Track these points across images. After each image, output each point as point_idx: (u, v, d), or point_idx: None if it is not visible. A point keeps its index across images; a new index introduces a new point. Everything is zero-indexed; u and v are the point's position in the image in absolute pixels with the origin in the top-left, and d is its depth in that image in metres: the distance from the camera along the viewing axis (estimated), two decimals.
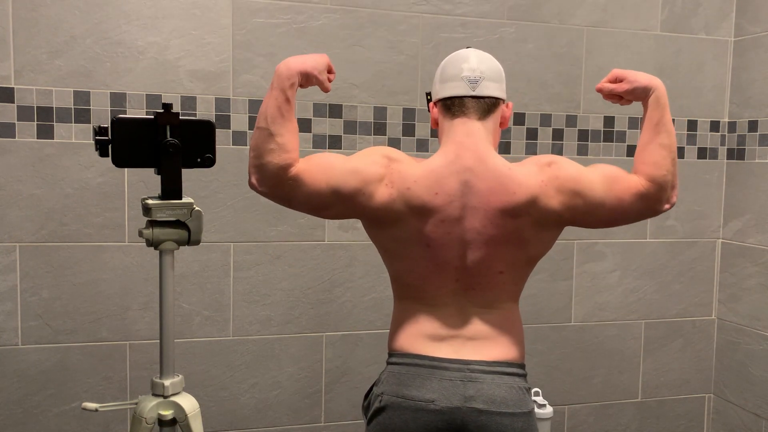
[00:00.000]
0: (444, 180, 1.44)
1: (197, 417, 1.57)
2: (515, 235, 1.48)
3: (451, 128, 1.51)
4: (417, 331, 1.52)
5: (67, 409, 2.27)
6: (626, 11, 2.66)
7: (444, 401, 1.44)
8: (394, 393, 1.47)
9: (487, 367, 1.49)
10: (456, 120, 1.50)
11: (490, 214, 1.44)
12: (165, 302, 1.56)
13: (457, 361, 1.48)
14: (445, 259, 1.47)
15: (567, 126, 2.64)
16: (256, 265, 2.39)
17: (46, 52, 2.16)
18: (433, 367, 1.48)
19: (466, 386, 1.45)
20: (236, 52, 2.31)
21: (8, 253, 2.19)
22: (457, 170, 1.45)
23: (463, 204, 1.44)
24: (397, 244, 1.49)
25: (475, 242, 1.46)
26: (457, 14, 2.49)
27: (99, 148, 1.47)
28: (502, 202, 1.44)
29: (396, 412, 1.46)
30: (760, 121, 2.67)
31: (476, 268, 1.48)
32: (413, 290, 1.53)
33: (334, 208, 1.46)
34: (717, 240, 2.86)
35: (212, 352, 2.38)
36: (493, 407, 1.44)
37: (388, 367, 1.52)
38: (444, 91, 1.52)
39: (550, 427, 2.50)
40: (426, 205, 1.44)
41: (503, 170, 1.46)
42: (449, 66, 1.53)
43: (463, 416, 1.44)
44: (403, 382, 1.47)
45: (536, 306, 2.68)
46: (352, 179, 1.43)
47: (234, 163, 2.33)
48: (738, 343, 2.79)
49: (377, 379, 1.53)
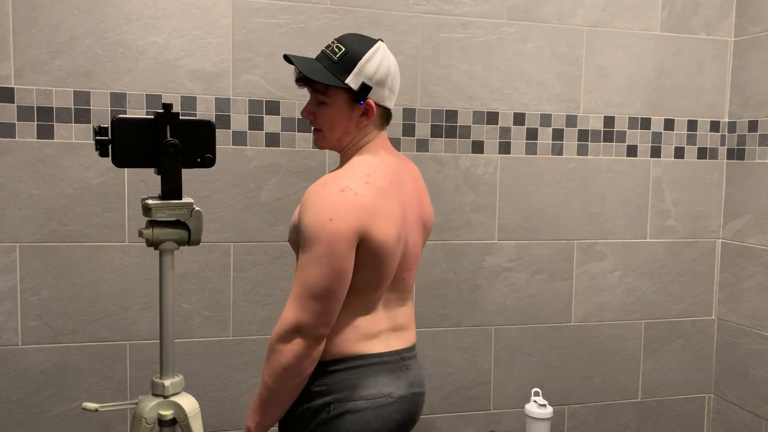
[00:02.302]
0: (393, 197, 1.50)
1: (197, 417, 1.57)
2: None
3: (383, 138, 1.56)
4: (354, 334, 1.51)
5: (67, 409, 2.27)
6: (626, 11, 2.66)
7: (397, 392, 1.50)
8: (348, 398, 1.46)
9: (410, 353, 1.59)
10: (383, 131, 1.57)
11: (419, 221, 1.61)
12: (165, 302, 1.56)
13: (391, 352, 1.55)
14: (392, 268, 1.51)
15: (567, 126, 2.64)
16: (256, 265, 2.39)
17: (46, 52, 2.16)
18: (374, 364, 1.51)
19: (406, 375, 1.54)
20: (236, 52, 2.31)
21: (8, 253, 2.19)
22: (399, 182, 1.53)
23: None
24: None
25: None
26: (457, 14, 2.49)
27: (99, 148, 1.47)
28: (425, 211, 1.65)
29: (355, 415, 1.46)
30: (760, 121, 2.67)
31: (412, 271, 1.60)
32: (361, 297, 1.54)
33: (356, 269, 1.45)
34: (717, 240, 2.86)
35: (212, 352, 2.38)
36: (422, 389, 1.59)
37: (335, 375, 1.48)
38: (390, 101, 1.54)
39: (550, 427, 2.50)
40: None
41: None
42: (397, 78, 1.54)
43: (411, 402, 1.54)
44: (355, 384, 1.47)
45: (536, 306, 2.68)
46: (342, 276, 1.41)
47: (234, 163, 2.34)
48: (738, 343, 2.79)
49: (309, 393, 1.48)
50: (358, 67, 1.47)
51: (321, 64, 1.49)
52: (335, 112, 1.50)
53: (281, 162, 2.38)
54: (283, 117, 2.36)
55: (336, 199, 1.38)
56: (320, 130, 1.53)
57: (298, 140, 2.38)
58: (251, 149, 2.35)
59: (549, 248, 2.66)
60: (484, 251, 2.59)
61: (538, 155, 2.62)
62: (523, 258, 2.64)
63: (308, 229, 1.38)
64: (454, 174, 2.53)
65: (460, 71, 2.51)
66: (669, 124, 2.75)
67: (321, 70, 1.48)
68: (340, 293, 1.40)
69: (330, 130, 1.51)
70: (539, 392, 2.58)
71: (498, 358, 2.66)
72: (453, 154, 2.53)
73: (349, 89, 1.47)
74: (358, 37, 1.51)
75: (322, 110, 1.51)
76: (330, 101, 1.49)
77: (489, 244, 2.59)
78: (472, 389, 2.64)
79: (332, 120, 1.50)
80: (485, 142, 2.56)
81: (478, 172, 2.56)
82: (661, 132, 2.75)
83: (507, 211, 2.61)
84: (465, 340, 2.61)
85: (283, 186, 2.39)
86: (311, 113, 1.53)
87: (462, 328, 2.59)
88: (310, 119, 1.54)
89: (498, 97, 2.56)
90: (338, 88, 1.47)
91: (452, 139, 2.52)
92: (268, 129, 2.35)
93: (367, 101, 1.48)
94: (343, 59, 1.47)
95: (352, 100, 1.49)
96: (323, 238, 1.36)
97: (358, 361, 1.49)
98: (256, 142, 2.35)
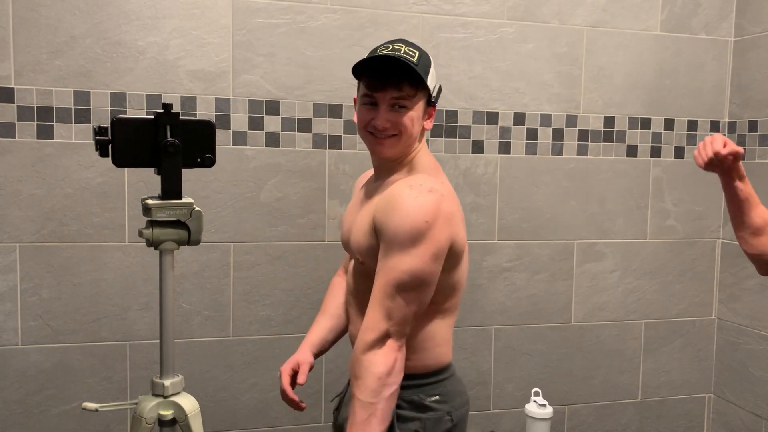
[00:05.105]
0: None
1: (197, 417, 1.57)
2: None
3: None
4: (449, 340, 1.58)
5: (67, 409, 2.27)
6: (626, 11, 2.66)
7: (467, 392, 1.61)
8: (459, 405, 1.54)
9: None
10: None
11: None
12: (165, 302, 1.56)
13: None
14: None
15: (567, 126, 2.64)
16: (256, 265, 2.39)
17: (46, 52, 2.16)
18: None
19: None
20: (236, 52, 2.31)
21: (8, 253, 2.19)
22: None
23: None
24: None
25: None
26: (457, 14, 2.49)
27: (99, 148, 1.47)
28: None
29: (465, 423, 1.55)
30: (760, 121, 2.67)
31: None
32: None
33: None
34: (717, 240, 2.86)
35: (212, 352, 2.38)
36: None
37: (444, 383, 1.53)
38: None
39: (550, 427, 2.50)
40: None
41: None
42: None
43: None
44: (460, 391, 1.56)
45: (536, 306, 2.68)
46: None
47: (234, 163, 2.34)
48: (738, 343, 2.79)
49: (421, 406, 1.49)
50: (432, 69, 1.47)
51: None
52: (416, 115, 1.46)
53: (281, 162, 2.38)
54: (283, 117, 2.36)
55: (434, 203, 1.39)
56: (395, 135, 1.45)
57: (298, 140, 2.38)
58: (251, 149, 2.35)
59: (549, 248, 2.66)
60: (484, 251, 2.59)
61: (538, 155, 2.62)
62: (523, 258, 2.63)
63: (407, 231, 1.37)
64: (454, 174, 2.53)
65: (460, 71, 2.51)
66: (669, 124, 2.75)
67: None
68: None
69: (409, 135, 1.45)
70: (539, 392, 2.57)
71: (498, 358, 2.66)
72: (453, 154, 2.53)
73: (428, 91, 1.47)
74: (408, 41, 1.50)
75: (402, 114, 1.44)
76: (413, 104, 1.45)
77: (489, 244, 2.59)
78: (472, 389, 2.64)
79: (413, 123, 1.45)
80: (485, 142, 2.56)
81: (478, 172, 2.56)
82: (661, 132, 2.75)
83: (507, 211, 2.61)
84: (465, 340, 2.61)
85: (283, 186, 2.39)
86: (388, 120, 1.44)
87: (462, 328, 2.59)
88: (387, 126, 1.45)
89: (498, 97, 2.56)
90: (424, 90, 1.46)
91: (452, 139, 2.52)
92: (268, 129, 2.35)
93: (433, 109, 1.51)
94: (421, 61, 1.43)
95: (426, 102, 1.48)
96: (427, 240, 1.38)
97: (452, 369, 1.57)
98: (256, 142, 2.35)
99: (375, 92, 1.44)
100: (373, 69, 1.43)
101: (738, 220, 1.66)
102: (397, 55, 1.41)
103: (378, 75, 1.43)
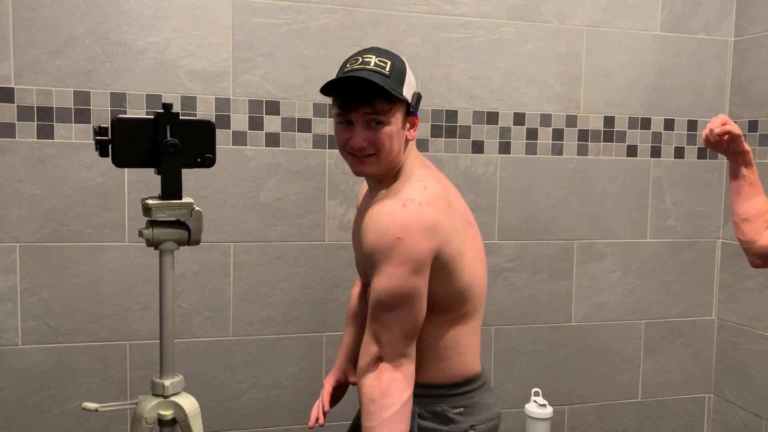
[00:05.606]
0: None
1: (197, 417, 1.57)
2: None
3: (413, 147, 1.52)
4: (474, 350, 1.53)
5: (67, 409, 2.27)
6: (626, 11, 2.66)
7: (497, 410, 1.55)
8: (485, 419, 1.49)
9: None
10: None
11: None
12: (165, 302, 1.56)
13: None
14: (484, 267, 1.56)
15: (567, 126, 2.64)
16: (256, 265, 2.39)
17: (46, 52, 2.16)
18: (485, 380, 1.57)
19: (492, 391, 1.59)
20: (236, 52, 2.31)
21: (8, 253, 2.19)
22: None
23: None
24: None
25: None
26: (457, 14, 2.49)
27: (99, 148, 1.47)
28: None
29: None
30: (760, 121, 2.67)
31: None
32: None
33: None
34: (717, 240, 2.86)
35: (212, 352, 2.38)
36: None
37: (468, 396, 1.49)
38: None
39: (550, 427, 2.50)
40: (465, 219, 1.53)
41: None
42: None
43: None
44: (487, 404, 1.51)
45: (536, 306, 2.68)
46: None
47: (234, 163, 2.34)
48: (738, 343, 2.79)
49: (444, 418, 1.46)
50: (407, 77, 1.40)
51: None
52: (395, 129, 1.39)
53: (281, 162, 2.38)
54: (283, 117, 2.36)
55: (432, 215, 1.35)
56: (373, 154, 1.40)
57: (298, 140, 2.38)
58: (251, 149, 2.35)
59: (549, 248, 2.66)
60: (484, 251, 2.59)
61: (538, 155, 2.62)
62: (523, 258, 2.64)
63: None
64: (454, 174, 2.53)
65: (460, 71, 2.51)
66: (669, 124, 2.75)
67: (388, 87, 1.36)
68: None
69: (389, 151, 1.39)
70: (539, 392, 2.57)
71: (498, 358, 2.66)
72: (453, 154, 2.53)
73: (406, 102, 1.40)
74: (379, 49, 1.43)
75: (379, 131, 1.37)
76: (390, 119, 1.38)
77: (489, 244, 2.59)
78: None
79: (392, 139, 1.39)
80: (485, 142, 2.56)
81: (478, 172, 2.56)
82: (661, 132, 2.75)
83: (507, 211, 2.61)
84: None
85: (283, 186, 2.39)
86: (365, 140, 1.38)
87: None
88: (364, 146, 1.39)
89: (498, 97, 2.56)
90: (400, 103, 1.39)
91: (452, 139, 2.52)
92: (268, 129, 2.35)
93: (416, 118, 1.45)
94: (393, 72, 1.37)
95: (405, 113, 1.42)
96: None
97: (480, 380, 1.52)
98: (256, 142, 2.35)
99: (348, 113, 1.39)
100: (342, 88, 1.37)
101: (736, 204, 1.68)
102: (365, 70, 1.35)
103: (348, 95, 1.37)
